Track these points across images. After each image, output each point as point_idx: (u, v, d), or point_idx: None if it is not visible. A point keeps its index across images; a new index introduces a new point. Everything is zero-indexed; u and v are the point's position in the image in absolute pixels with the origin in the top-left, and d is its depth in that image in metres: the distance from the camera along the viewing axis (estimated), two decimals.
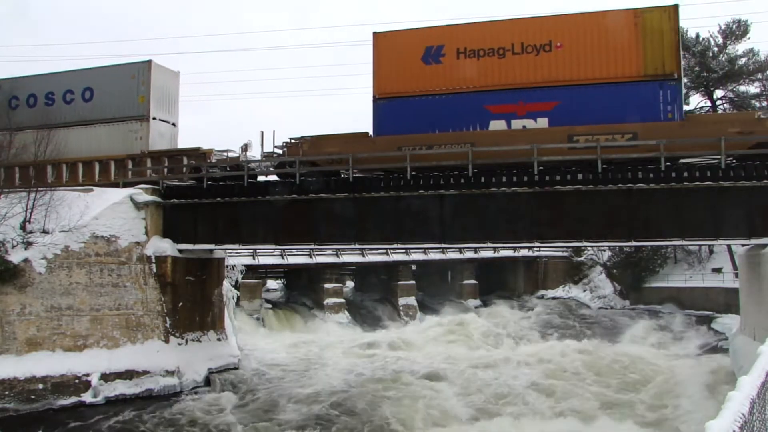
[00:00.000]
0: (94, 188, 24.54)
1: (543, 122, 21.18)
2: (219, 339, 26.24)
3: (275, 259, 38.62)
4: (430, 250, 44.22)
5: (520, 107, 21.40)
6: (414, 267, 46.51)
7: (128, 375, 21.60)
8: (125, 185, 24.78)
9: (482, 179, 20.98)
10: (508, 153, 20.43)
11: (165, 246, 23.78)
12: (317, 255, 39.05)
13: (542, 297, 51.02)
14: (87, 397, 20.54)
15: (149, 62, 27.20)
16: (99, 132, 27.46)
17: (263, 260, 37.77)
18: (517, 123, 21.43)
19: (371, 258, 42.64)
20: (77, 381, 20.76)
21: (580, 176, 20.18)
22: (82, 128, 27.42)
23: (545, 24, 21.75)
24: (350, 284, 49.75)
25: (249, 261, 36.48)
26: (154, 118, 27.22)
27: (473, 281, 50.66)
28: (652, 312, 41.40)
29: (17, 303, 21.19)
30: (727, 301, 36.03)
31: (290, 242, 25.16)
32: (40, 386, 20.25)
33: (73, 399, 20.39)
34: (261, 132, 23.58)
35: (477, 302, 49.44)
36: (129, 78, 27.19)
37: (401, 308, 43.14)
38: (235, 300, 31.86)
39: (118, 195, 23.84)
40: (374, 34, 23.01)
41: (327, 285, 39.92)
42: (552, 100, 21.17)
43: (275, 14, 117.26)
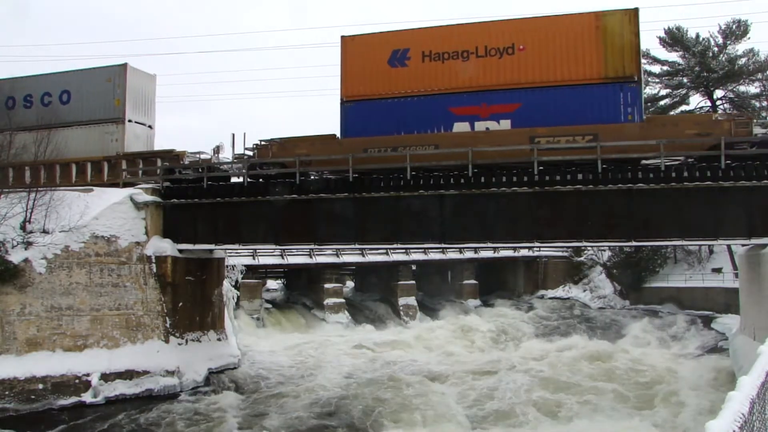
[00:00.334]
0: (94, 188, 24.58)
1: (506, 124, 21.57)
2: (219, 339, 26.24)
3: (275, 259, 38.63)
4: (430, 250, 44.22)
5: (484, 109, 21.76)
6: (414, 267, 46.48)
7: (128, 375, 21.59)
8: (111, 185, 25.12)
9: (482, 179, 21.01)
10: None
11: (165, 246, 23.78)
12: (317, 255, 39.05)
13: (542, 297, 50.98)
14: (87, 397, 20.53)
15: (125, 65, 27.65)
16: (76, 134, 27.55)
17: (263, 260, 37.78)
18: (481, 125, 21.80)
19: (371, 258, 42.64)
20: (77, 381, 20.75)
21: (580, 176, 20.22)
22: (60, 130, 27.29)
23: (508, 27, 22.15)
24: (350, 284, 49.76)
25: (249, 261, 36.49)
26: (130, 121, 27.72)
27: (473, 281, 50.64)
28: (652, 312, 41.38)
29: (17, 303, 21.20)
30: (727, 301, 36.02)
31: (290, 242, 25.17)
32: (40, 386, 20.25)
33: (73, 399, 20.38)
34: (232, 134, 24.44)
35: (477, 302, 49.40)
36: (105, 81, 27.65)
37: (401, 308, 43.13)
38: (235, 300, 31.88)
39: (118, 195, 23.85)
40: (342, 38, 23.46)
41: (327, 285, 39.91)
42: (514, 102, 21.54)
43: (275, 14, 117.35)
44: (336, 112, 23.25)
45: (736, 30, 43.40)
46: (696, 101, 47.71)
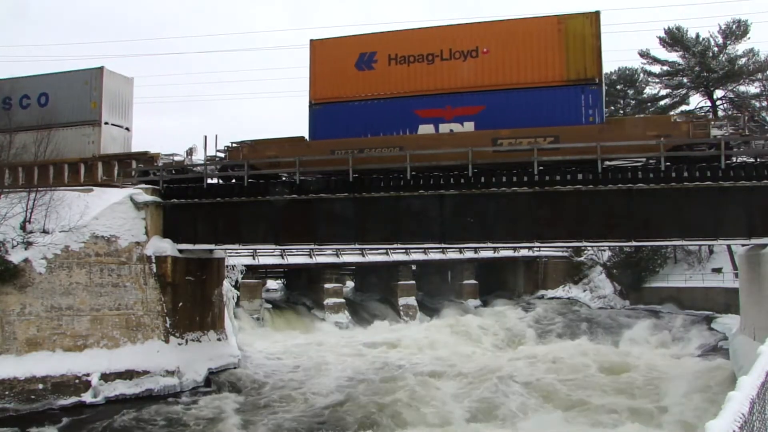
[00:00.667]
0: (94, 188, 24.61)
1: (469, 126, 21.85)
2: (219, 339, 26.25)
3: (275, 259, 38.63)
4: (430, 250, 44.22)
5: (448, 112, 22.06)
6: (414, 267, 46.49)
7: (128, 375, 21.60)
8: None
9: (482, 179, 21.02)
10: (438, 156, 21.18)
11: (165, 246, 23.78)
12: (317, 255, 39.05)
13: (542, 297, 50.93)
14: (87, 397, 20.54)
15: (101, 69, 28.08)
16: (54, 136, 27.53)
17: (263, 260, 37.78)
18: (445, 127, 22.08)
19: (371, 258, 42.64)
20: (77, 381, 20.76)
21: (580, 176, 20.23)
22: (38, 132, 27.36)
23: (473, 30, 22.42)
24: (350, 284, 49.74)
25: (249, 261, 36.49)
26: (107, 123, 28.07)
27: (473, 281, 50.63)
28: (652, 312, 41.33)
29: (17, 303, 21.21)
30: (727, 301, 36.00)
31: (290, 242, 25.20)
32: (40, 386, 20.25)
33: (73, 399, 20.39)
34: (204, 137, 24.60)
35: (477, 302, 49.40)
36: (82, 84, 28.02)
37: (401, 308, 43.14)
38: (235, 300, 31.90)
39: (118, 195, 23.88)
40: (311, 41, 23.80)
41: (327, 285, 39.92)
42: (478, 105, 21.85)
43: (275, 14, 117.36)
44: None
45: (736, 30, 43.41)
46: (696, 101, 47.77)
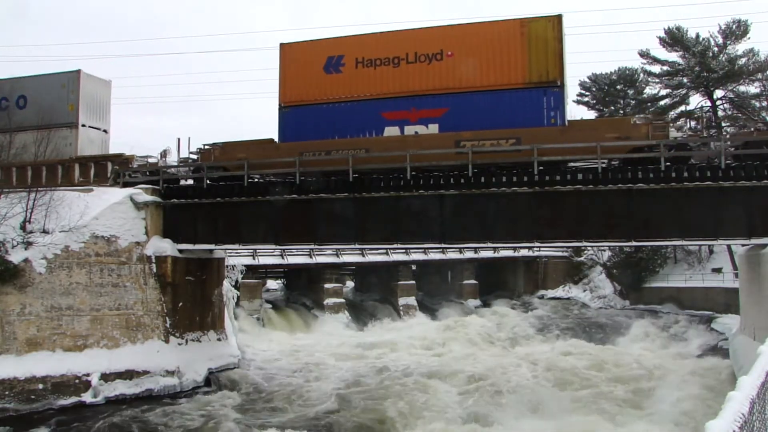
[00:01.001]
0: (94, 188, 24.61)
1: (434, 128, 22.13)
2: (219, 339, 26.25)
3: (275, 259, 38.62)
4: (430, 250, 44.21)
5: (413, 114, 22.34)
6: (414, 267, 46.48)
7: (128, 375, 21.60)
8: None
9: (482, 179, 21.02)
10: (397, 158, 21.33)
11: (165, 246, 23.79)
12: (317, 255, 39.05)
13: (542, 297, 50.94)
14: (87, 397, 20.54)
15: (78, 72, 28.35)
16: (32, 138, 27.43)
17: (263, 260, 37.77)
18: (410, 129, 22.37)
19: (371, 258, 42.63)
20: (77, 381, 20.76)
21: (580, 176, 20.23)
22: (16, 134, 27.19)
23: (437, 34, 22.73)
24: (350, 284, 49.72)
25: (249, 261, 36.48)
26: (84, 125, 28.30)
27: (473, 281, 50.64)
28: (652, 312, 41.32)
29: (17, 303, 21.21)
30: (727, 301, 35.98)
31: (290, 242, 25.22)
32: (40, 386, 20.25)
33: (73, 399, 20.39)
34: (177, 139, 25.14)
35: (477, 302, 49.40)
36: (60, 87, 28.28)
37: (401, 308, 43.13)
38: (235, 300, 31.89)
39: (118, 195, 23.88)
40: (281, 45, 24.12)
41: (327, 285, 39.91)
42: (442, 107, 22.15)
43: (275, 14, 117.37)
44: None
45: (736, 30, 43.36)
46: (696, 101, 47.73)
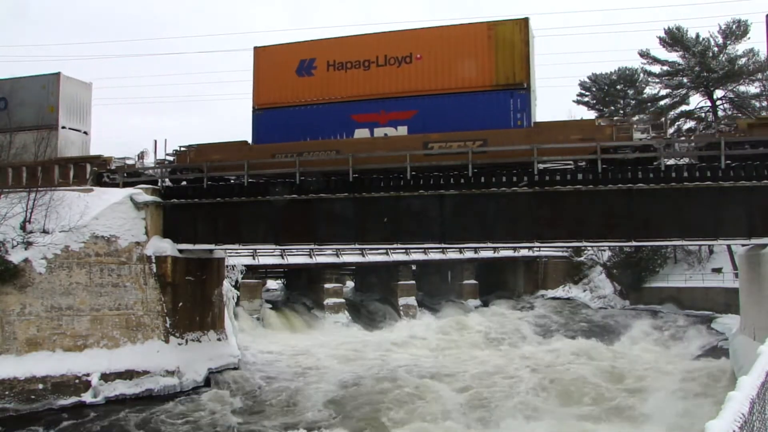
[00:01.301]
0: (94, 188, 24.60)
1: (403, 130, 22.40)
2: (219, 339, 26.24)
3: (275, 259, 38.64)
4: (430, 250, 44.21)
5: (382, 116, 22.66)
6: (414, 267, 46.48)
7: (128, 375, 21.59)
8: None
9: (482, 179, 21.02)
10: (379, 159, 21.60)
11: (165, 246, 23.78)
12: (317, 255, 39.05)
13: (542, 297, 50.98)
14: (87, 397, 20.53)
15: (58, 74, 28.47)
16: (13, 140, 27.66)
17: (263, 260, 37.78)
18: (380, 131, 22.65)
19: (371, 258, 42.64)
20: (77, 381, 20.75)
21: (580, 176, 20.23)
22: None
23: (406, 37, 22.99)
24: (350, 284, 49.74)
25: (249, 261, 36.50)
26: (63, 127, 28.32)
27: (473, 281, 50.65)
28: (652, 312, 41.38)
29: (17, 303, 21.20)
30: (727, 301, 36.02)
31: (290, 242, 25.24)
32: (40, 386, 20.25)
33: (73, 399, 20.38)
34: (155, 141, 25.40)
35: (477, 302, 49.42)
36: (40, 88, 28.29)
37: (401, 308, 43.13)
38: (235, 300, 31.87)
39: (118, 195, 23.86)
40: (255, 48, 24.51)
41: (327, 285, 39.91)
42: (411, 109, 22.41)
43: (275, 14, 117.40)
44: None
45: (736, 30, 43.41)
46: (696, 101, 47.78)
